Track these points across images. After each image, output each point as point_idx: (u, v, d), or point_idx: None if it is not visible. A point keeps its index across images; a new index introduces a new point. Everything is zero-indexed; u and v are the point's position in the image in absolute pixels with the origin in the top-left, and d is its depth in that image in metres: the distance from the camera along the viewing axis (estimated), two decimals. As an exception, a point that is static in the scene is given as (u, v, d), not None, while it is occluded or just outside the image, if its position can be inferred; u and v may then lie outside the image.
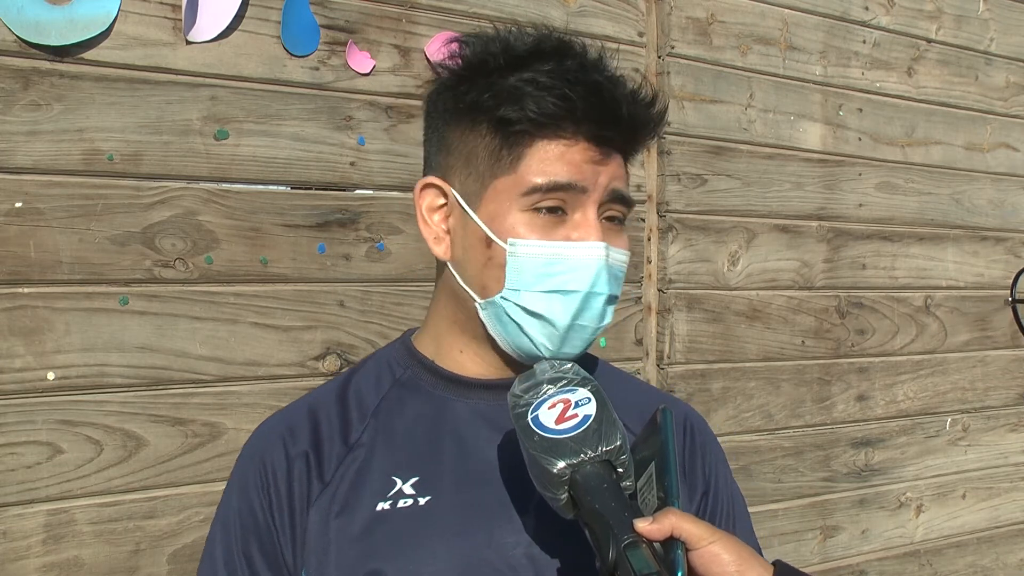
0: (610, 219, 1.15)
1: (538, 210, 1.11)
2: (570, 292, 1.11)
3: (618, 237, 1.16)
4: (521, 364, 1.18)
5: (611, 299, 1.15)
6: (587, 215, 1.12)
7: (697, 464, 1.25)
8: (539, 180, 1.10)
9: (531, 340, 1.13)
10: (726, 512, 1.25)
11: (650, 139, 1.19)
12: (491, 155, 1.12)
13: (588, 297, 1.12)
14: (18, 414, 1.77)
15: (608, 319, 1.16)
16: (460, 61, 1.17)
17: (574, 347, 1.15)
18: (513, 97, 1.10)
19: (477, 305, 1.15)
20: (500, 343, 1.16)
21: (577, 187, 1.11)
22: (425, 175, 1.21)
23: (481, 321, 1.16)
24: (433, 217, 1.18)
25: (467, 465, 1.15)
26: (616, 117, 1.12)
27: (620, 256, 1.16)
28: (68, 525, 1.82)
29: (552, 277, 1.11)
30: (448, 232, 1.17)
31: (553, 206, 1.11)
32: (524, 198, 1.11)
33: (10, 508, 1.77)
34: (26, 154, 1.77)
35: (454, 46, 1.18)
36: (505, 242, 1.11)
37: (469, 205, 1.14)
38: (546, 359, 1.13)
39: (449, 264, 1.18)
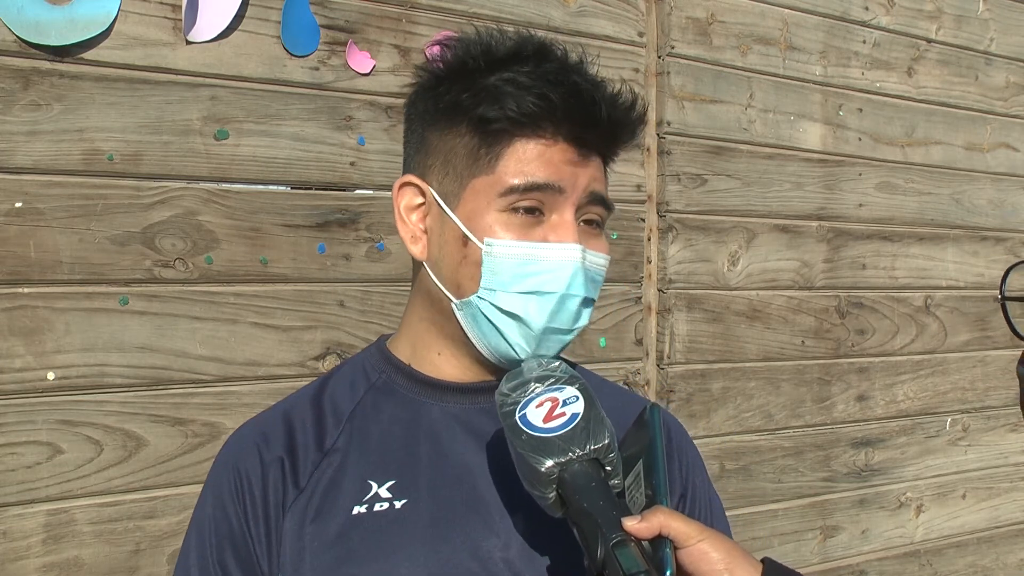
0: (588, 222, 1.15)
1: (515, 210, 1.11)
2: (546, 293, 1.11)
3: (596, 240, 1.16)
4: (498, 367, 1.17)
5: (587, 302, 1.15)
6: (564, 216, 1.12)
7: (674, 467, 1.24)
8: (516, 180, 1.10)
9: (507, 341, 1.13)
10: (704, 515, 1.25)
11: (630, 142, 1.19)
12: (469, 154, 1.13)
13: (564, 299, 1.12)
14: (18, 414, 1.78)
15: (583, 321, 1.16)
16: (441, 64, 1.17)
17: (549, 349, 1.15)
18: (492, 96, 1.11)
19: (453, 305, 1.15)
20: (476, 344, 1.16)
21: (555, 187, 1.11)
22: (404, 175, 1.21)
23: (458, 322, 1.16)
24: (411, 217, 1.18)
25: (443, 468, 1.15)
26: (595, 118, 1.12)
27: (598, 259, 1.16)
28: (68, 525, 1.82)
29: (528, 278, 1.11)
30: (425, 232, 1.17)
31: (530, 207, 1.11)
32: (501, 198, 1.11)
33: (10, 508, 1.77)
34: (26, 154, 1.78)
35: (435, 49, 1.18)
36: (482, 241, 1.11)
37: (447, 204, 1.14)
38: (532, 357, 1.13)
39: (425, 264, 1.18)
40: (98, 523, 1.85)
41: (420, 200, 1.18)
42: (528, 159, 1.11)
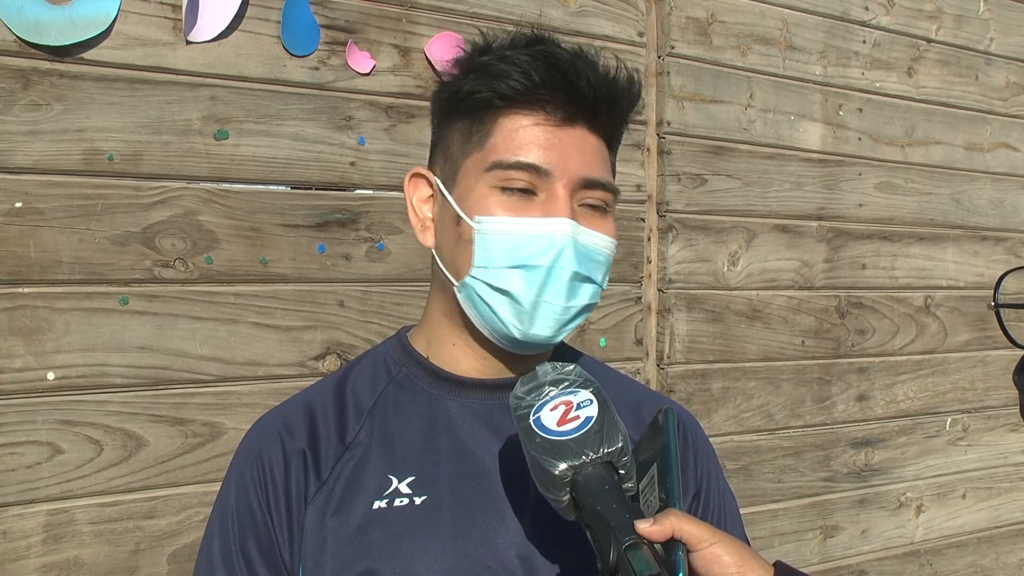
0: (591, 207, 1.15)
1: (506, 189, 1.12)
2: (532, 267, 1.11)
3: (599, 221, 1.15)
4: (509, 353, 1.18)
5: (582, 278, 1.14)
6: (555, 193, 1.12)
7: (689, 465, 1.24)
8: (502, 157, 1.12)
9: (500, 319, 1.13)
10: (717, 513, 1.25)
11: (620, 120, 1.19)
12: (463, 136, 1.15)
13: (551, 271, 1.11)
14: (18, 414, 1.77)
15: (582, 300, 1.15)
16: (453, 69, 1.20)
17: (544, 328, 1.13)
18: (480, 74, 1.14)
19: (455, 289, 1.16)
20: (477, 326, 1.16)
21: (542, 170, 1.11)
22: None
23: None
24: (423, 208, 1.21)
25: (463, 465, 1.15)
26: (578, 94, 1.12)
27: (596, 239, 1.14)
28: (68, 525, 1.82)
29: (516, 251, 1.11)
30: (433, 220, 1.20)
31: (523, 187, 1.12)
32: (489, 174, 1.12)
33: (10, 508, 1.77)
34: (26, 154, 1.77)
35: (448, 64, 1.21)
36: (472, 219, 1.12)
37: (446, 188, 1.16)
38: (548, 363, 1.12)
39: (433, 251, 1.20)
40: (98, 523, 1.84)
41: (429, 191, 1.20)
42: (514, 136, 1.12)
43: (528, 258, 1.11)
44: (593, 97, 1.13)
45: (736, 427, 2.71)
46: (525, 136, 1.12)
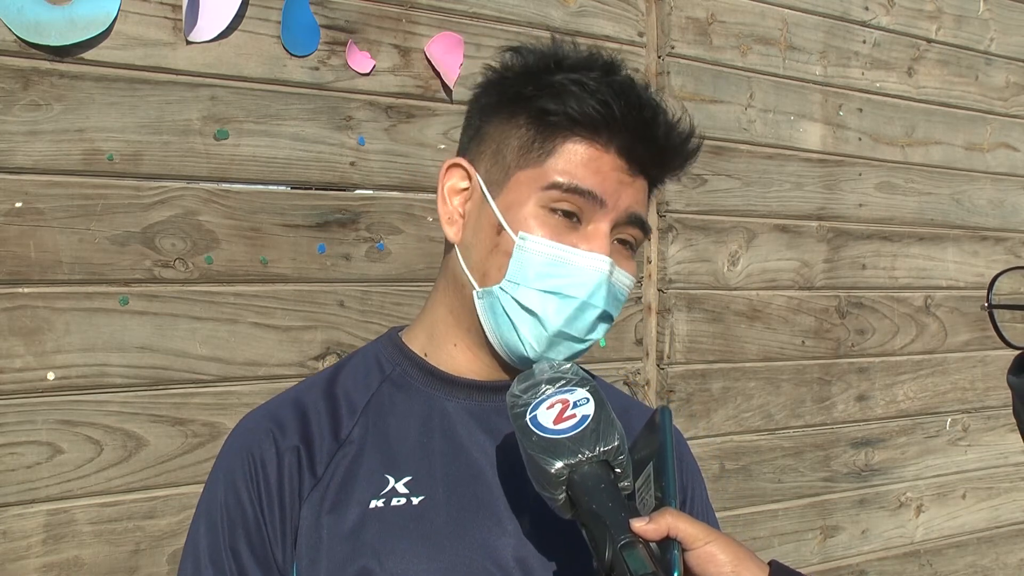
0: (623, 243, 1.16)
1: (554, 210, 1.12)
2: (567, 297, 1.12)
3: (627, 261, 1.17)
4: (510, 364, 1.18)
5: (605, 316, 1.16)
6: (600, 228, 1.13)
7: None
8: (562, 179, 1.12)
9: (519, 337, 1.13)
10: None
11: (679, 170, 1.20)
12: (522, 146, 1.14)
13: (583, 307, 1.13)
14: (18, 414, 1.77)
15: (597, 335, 1.17)
16: (513, 63, 1.19)
17: (558, 354, 1.15)
18: (556, 92, 1.12)
19: (474, 293, 1.16)
20: (489, 336, 1.16)
21: (597, 198, 1.12)
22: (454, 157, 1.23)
23: (475, 312, 1.16)
24: (453, 199, 1.20)
25: (458, 465, 1.15)
26: (651, 137, 1.13)
27: (624, 279, 1.17)
28: (68, 525, 1.82)
29: (553, 278, 1.12)
30: (463, 216, 1.19)
31: (569, 210, 1.12)
32: (543, 192, 1.12)
33: (10, 508, 1.77)
34: (26, 154, 1.78)
35: (507, 54, 1.20)
36: (516, 233, 1.12)
37: (490, 192, 1.15)
38: (543, 359, 1.13)
39: (457, 247, 1.18)
40: (98, 523, 1.85)
41: (465, 184, 1.19)
42: (578, 161, 1.12)
43: (563, 287, 1.12)
44: (662, 149, 1.15)
45: (736, 427, 2.71)
46: (589, 164, 1.12)
